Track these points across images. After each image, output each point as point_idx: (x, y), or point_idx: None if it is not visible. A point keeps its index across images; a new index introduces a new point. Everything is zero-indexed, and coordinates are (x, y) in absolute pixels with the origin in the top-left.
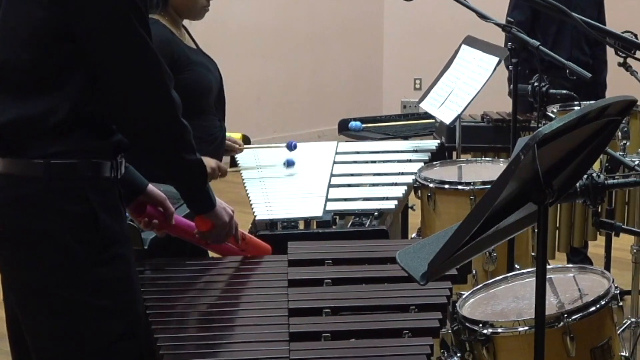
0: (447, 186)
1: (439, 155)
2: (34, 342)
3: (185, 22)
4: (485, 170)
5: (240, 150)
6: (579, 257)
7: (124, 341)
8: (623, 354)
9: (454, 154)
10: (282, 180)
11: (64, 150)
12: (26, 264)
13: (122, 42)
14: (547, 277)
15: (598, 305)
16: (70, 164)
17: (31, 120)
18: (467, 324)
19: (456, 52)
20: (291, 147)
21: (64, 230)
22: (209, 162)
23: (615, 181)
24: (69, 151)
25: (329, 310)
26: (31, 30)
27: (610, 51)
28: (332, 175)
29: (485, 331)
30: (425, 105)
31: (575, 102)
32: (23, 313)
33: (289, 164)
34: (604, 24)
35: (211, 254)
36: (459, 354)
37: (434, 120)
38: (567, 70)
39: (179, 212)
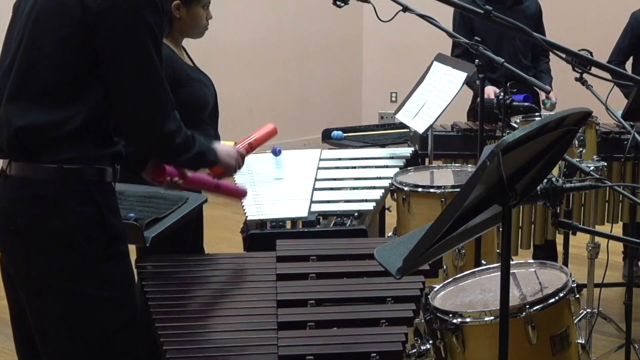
0: (420, 189)
1: (413, 162)
2: (42, 334)
3: (183, 41)
4: (454, 175)
5: None
6: (544, 252)
7: (124, 330)
8: (579, 341)
9: (427, 160)
10: (271, 183)
11: (74, 156)
12: (38, 258)
13: (138, 67)
14: (511, 271)
15: (557, 297)
16: (80, 169)
17: (47, 127)
18: (438, 314)
19: (428, 68)
20: (276, 152)
21: (74, 228)
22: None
23: (573, 185)
24: (79, 157)
25: (313, 301)
26: (57, 45)
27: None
28: (316, 179)
29: (455, 321)
30: (401, 116)
31: (536, 113)
32: (33, 306)
33: (277, 152)
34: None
35: (207, 251)
36: (431, 342)
37: (408, 130)
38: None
39: (178, 214)
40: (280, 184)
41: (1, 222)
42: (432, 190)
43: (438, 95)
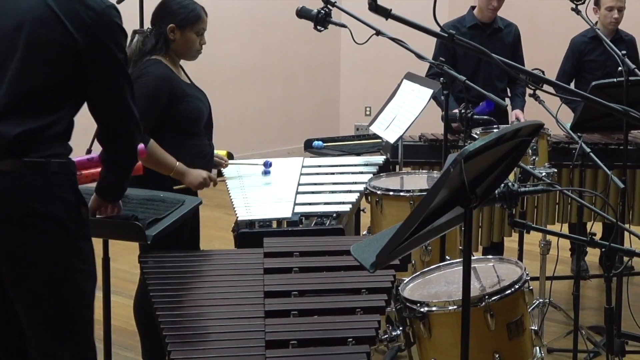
0: (391, 193)
1: (384, 168)
2: (29, 308)
3: (181, 61)
4: (422, 180)
5: (226, 165)
6: (493, 252)
7: (92, 295)
8: (533, 327)
9: (397, 167)
10: (259, 188)
11: (59, 152)
12: (31, 239)
13: (119, 87)
14: (472, 266)
15: (513, 289)
16: (64, 162)
17: (38, 131)
18: (407, 304)
19: (399, 85)
20: (267, 165)
21: (61, 212)
22: (201, 173)
23: (527, 189)
24: (63, 153)
25: (296, 292)
26: (50, 70)
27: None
28: (299, 184)
29: (422, 310)
30: (374, 128)
31: (495, 125)
32: (21, 285)
33: (266, 170)
34: (522, 62)
35: (202, 247)
36: (401, 328)
37: (381, 140)
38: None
39: (175, 214)
40: (267, 188)
41: None
42: (402, 193)
43: (407, 110)
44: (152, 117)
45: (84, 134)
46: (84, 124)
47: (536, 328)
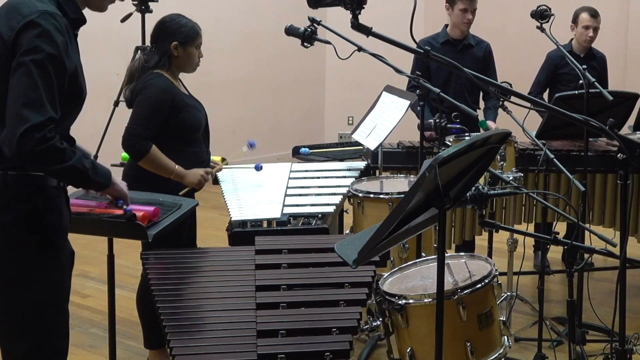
0: (372, 195)
1: (366, 173)
2: None
3: (181, 75)
4: (400, 184)
5: (220, 169)
6: (465, 249)
7: (51, 308)
8: (501, 318)
9: (377, 171)
10: (251, 191)
11: (14, 165)
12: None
13: (20, 78)
14: (445, 262)
15: (483, 283)
16: (20, 175)
17: None
18: (386, 297)
19: (379, 97)
20: (258, 168)
21: (16, 222)
22: (198, 171)
23: (495, 192)
24: (20, 166)
25: (285, 286)
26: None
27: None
28: (287, 187)
29: (400, 302)
30: (356, 136)
31: (466, 134)
32: None
33: (258, 168)
34: (496, 77)
35: (199, 245)
36: (380, 319)
37: (362, 147)
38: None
39: (174, 216)
40: (258, 191)
41: None
42: (381, 196)
43: (386, 119)
44: (155, 125)
45: (90, 141)
46: (88, 130)
47: (504, 319)
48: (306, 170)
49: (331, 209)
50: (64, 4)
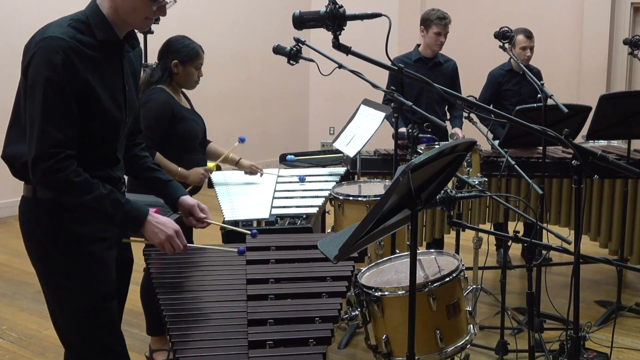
0: (351, 198)
1: (345, 178)
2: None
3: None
4: (376, 188)
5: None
6: (435, 246)
7: (85, 312)
8: (468, 309)
9: (356, 176)
10: (242, 193)
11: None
12: (30, 254)
13: (31, 104)
14: (417, 258)
15: (451, 277)
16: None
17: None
18: (364, 289)
19: (357, 109)
20: (241, 139)
21: (43, 233)
22: (199, 170)
23: (462, 195)
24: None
25: (273, 280)
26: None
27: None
28: (275, 190)
29: (376, 294)
30: (337, 144)
31: (436, 143)
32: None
33: (242, 140)
34: (460, 90)
35: (195, 242)
36: (359, 309)
37: (342, 154)
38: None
39: (172, 217)
40: (249, 194)
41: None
42: (359, 198)
43: (364, 129)
44: (157, 135)
45: None
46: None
47: (470, 309)
48: (292, 175)
49: (314, 210)
50: (95, 25)
